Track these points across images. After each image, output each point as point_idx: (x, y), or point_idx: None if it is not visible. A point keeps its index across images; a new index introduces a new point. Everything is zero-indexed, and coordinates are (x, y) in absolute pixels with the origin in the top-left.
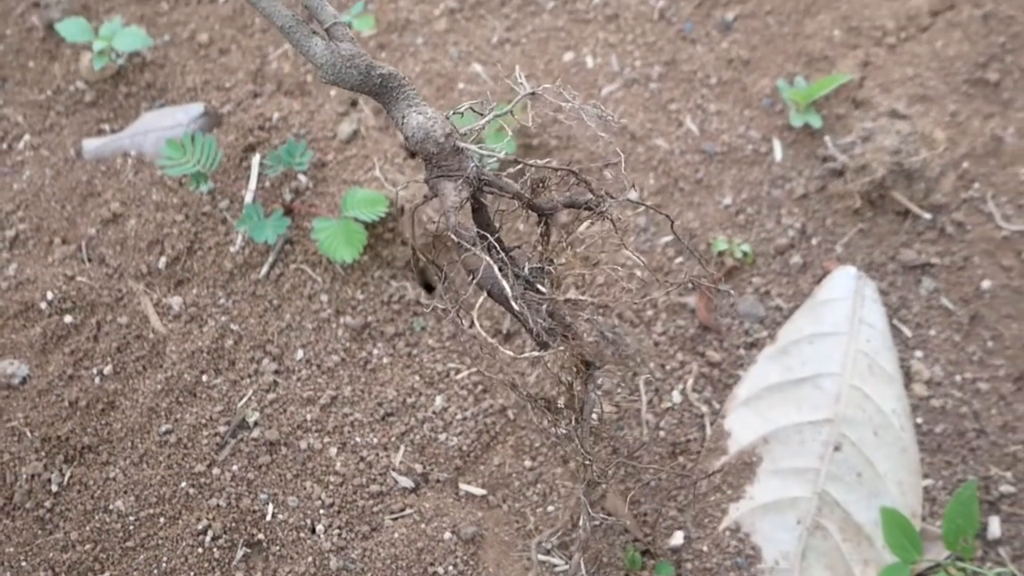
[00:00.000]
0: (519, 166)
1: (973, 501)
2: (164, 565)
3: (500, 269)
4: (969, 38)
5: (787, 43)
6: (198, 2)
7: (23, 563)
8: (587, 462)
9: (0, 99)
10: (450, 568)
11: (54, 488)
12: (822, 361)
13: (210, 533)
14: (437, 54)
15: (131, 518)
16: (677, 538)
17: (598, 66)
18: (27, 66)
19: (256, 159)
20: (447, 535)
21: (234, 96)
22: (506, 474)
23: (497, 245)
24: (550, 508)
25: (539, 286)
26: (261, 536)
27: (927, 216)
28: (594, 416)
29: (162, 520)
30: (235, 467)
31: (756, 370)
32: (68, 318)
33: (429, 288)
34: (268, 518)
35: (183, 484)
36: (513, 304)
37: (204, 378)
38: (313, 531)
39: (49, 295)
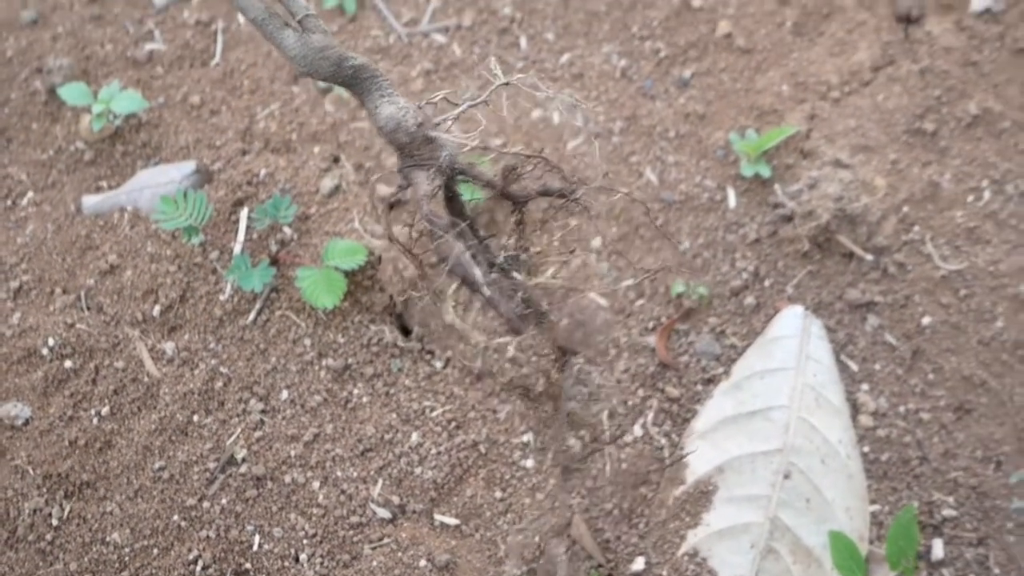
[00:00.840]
0: (492, 155)
1: (912, 524)
2: None
3: (473, 256)
4: (908, 91)
5: (739, 98)
6: (190, 66)
7: None
8: (563, 448)
9: (5, 159)
10: None
11: (54, 522)
12: (772, 395)
13: (200, 563)
14: None
15: (127, 549)
16: (638, 563)
17: (564, 122)
18: (30, 128)
19: (244, 213)
20: (423, 563)
21: (224, 154)
22: (478, 505)
23: (469, 232)
24: (520, 537)
25: (514, 274)
26: (248, 565)
27: (870, 258)
28: (571, 403)
29: (156, 551)
30: (224, 501)
31: (712, 404)
32: (68, 363)
33: (406, 332)
34: (255, 548)
35: (175, 517)
36: (484, 290)
37: (195, 418)
38: (297, 560)
39: (50, 341)
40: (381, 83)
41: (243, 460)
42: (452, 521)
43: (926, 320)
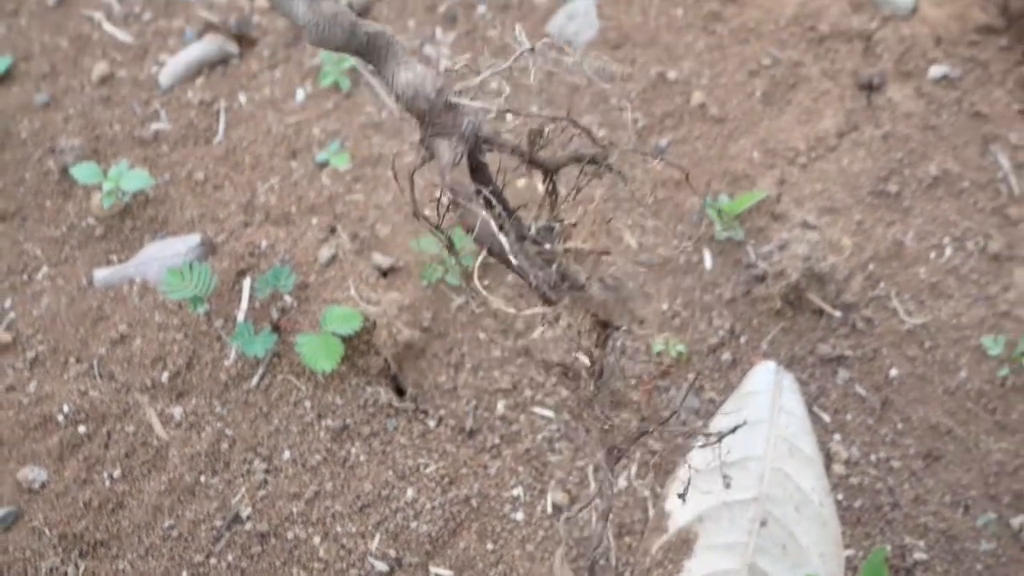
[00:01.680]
0: (517, 119)
1: (882, 566)
2: None
3: (500, 226)
4: (871, 155)
5: (713, 164)
6: (194, 144)
7: None
8: (606, 427)
9: (21, 235)
10: None
11: None
12: (747, 446)
13: None
14: (406, 183)
15: None
16: None
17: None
18: (44, 205)
19: (247, 282)
20: None
21: (227, 227)
22: (471, 557)
23: (494, 199)
24: None
25: (547, 246)
26: None
27: (839, 314)
28: (614, 380)
29: None
30: (230, 557)
31: (691, 456)
32: (82, 428)
33: (400, 393)
34: None
35: (184, 573)
36: (511, 258)
37: (202, 478)
38: None
39: (65, 408)
40: (397, 50)
41: (248, 518)
42: (447, 573)
43: (894, 372)
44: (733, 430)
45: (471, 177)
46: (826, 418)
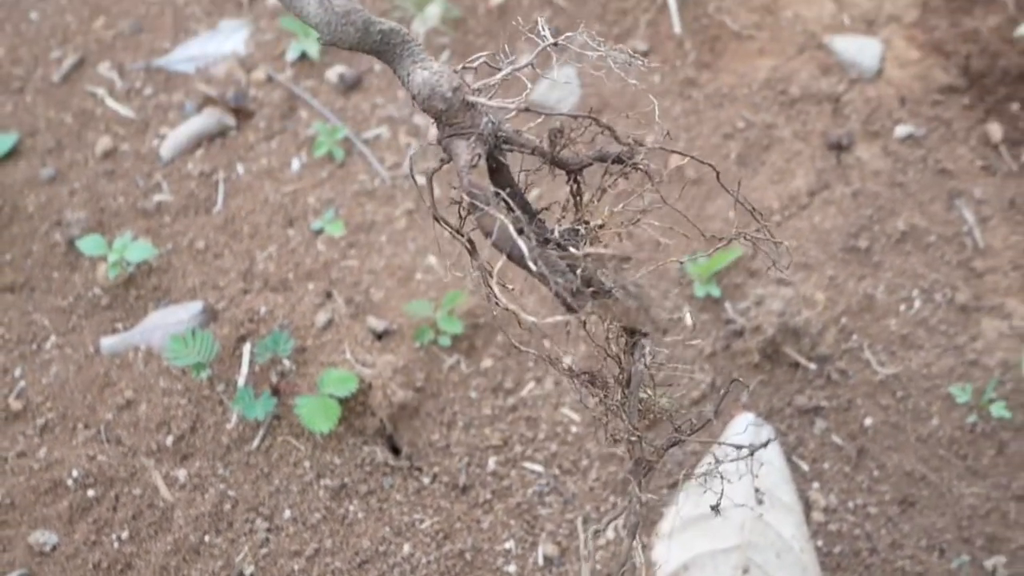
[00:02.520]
0: (540, 119)
1: None
2: None
3: (520, 230)
4: (842, 212)
5: (691, 225)
6: (195, 214)
7: None
8: (634, 438)
9: (30, 306)
10: None
11: None
12: (729, 496)
13: None
14: (399, 249)
15: None
16: None
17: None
18: (51, 277)
19: (247, 348)
20: None
21: (227, 294)
22: None
23: (513, 203)
24: None
25: (572, 249)
26: None
27: (814, 366)
28: (643, 390)
29: None
30: None
31: (676, 507)
32: (91, 492)
33: (396, 451)
34: None
35: None
36: (531, 264)
37: (207, 538)
38: None
39: (74, 473)
40: (412, 48)
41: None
42: None
43: (868, 421)
44: (766, 444)
45: (490, 179)
46: (805, 467)
